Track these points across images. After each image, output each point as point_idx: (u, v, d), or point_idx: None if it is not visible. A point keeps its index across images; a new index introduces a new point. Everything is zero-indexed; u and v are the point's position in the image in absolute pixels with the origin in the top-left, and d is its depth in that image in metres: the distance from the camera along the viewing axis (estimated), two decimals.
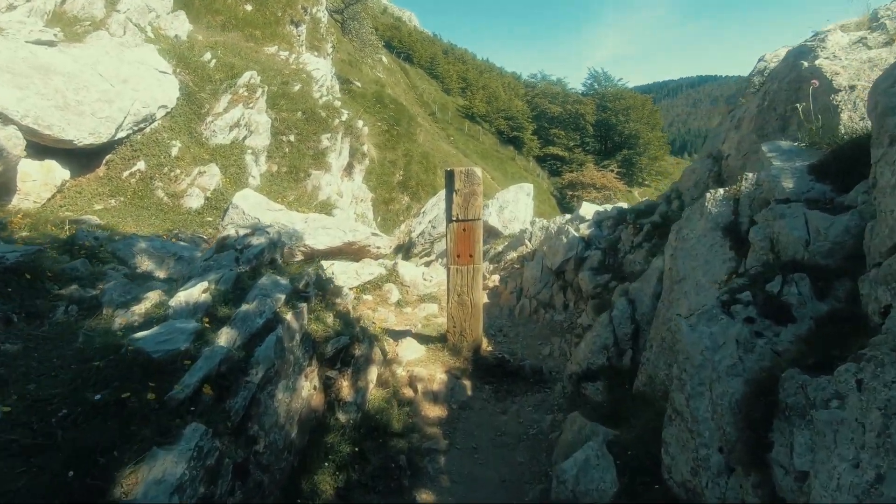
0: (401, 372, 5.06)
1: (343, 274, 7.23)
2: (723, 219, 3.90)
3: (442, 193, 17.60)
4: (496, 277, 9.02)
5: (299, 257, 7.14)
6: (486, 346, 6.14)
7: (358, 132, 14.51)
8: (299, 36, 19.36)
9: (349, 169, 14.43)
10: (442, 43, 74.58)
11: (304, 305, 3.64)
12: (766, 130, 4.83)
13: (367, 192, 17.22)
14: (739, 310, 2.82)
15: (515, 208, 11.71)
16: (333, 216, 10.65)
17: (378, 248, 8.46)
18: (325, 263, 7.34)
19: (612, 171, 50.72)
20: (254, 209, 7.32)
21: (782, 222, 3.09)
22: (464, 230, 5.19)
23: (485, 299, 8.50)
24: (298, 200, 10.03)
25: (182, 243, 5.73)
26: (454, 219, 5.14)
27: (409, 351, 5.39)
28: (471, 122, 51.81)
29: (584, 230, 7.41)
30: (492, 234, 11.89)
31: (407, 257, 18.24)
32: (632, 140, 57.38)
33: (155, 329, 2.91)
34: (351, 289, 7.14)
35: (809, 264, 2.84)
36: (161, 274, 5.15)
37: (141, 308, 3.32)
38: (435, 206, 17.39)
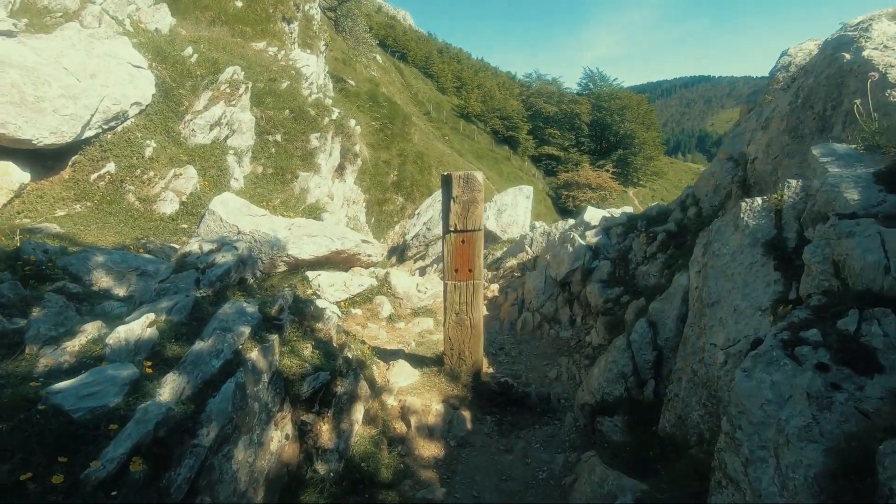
0: (392, 402, 4.49)
1: (330, 286, 6.65)
2: (763, 233, 3.37)
3: (437, 194, 17.03)
4: (495, 287, 8.47)
5: (282, 268, 6.56)
6: (486, 367, 5.59)
7: (350, 131, 13.91)
8: (291, 33, 18.83)
9: (340, 170, 13.83)
10: (437, 42, 73.98)
11: (274, 337, 3.06)
12: (801, 131, 4.31)
13: (360, 193, 16.63)
14: (807, 353, 2.28)
15: (514, 212, 11.17)
16: (322, 220, 10.06)
17: (369, 255, 7.88)
18: (310, 274, 6.77)
19: (608, 171, 50.44)
20: (233, 215, 6.72)
21: (850, 242, 2.57)
22: (463, 242, 4.63)
23: (484, 311, 7.95)
24: (285, 204, 9.42)
25: (147, 256, 5.13)
26: (452, 229, 4.58)
27: (402, 376, 4.83)
28: (466, 121, 51.31)
29: (591, 238, 6.88)
30: (489, 238, 11.35)
31: (401, 260, 17.66)
32: (627, 140, 57.17)
33: (80, 378, 2.33)
34: (339, 302, 6.56)
35: (892, 296, 2.32)
36: (120, 292, 4.55)
37: (74, 345, 2.73)
38: (430, 207, 16.83)
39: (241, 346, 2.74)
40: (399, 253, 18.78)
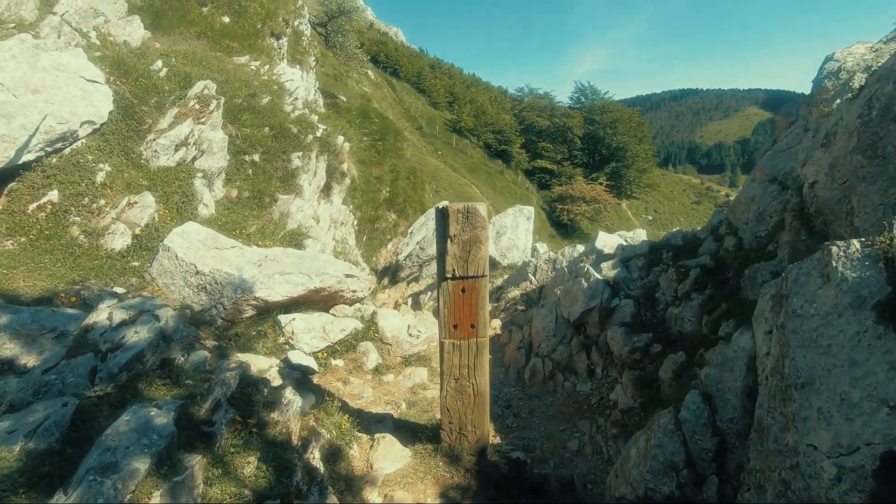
0: (375, 498, 3.52)
1: (307, 333, 5.68)
2: (870, 290, 2.51)
3: (430, 212, 16.14)
4: (497, 323, 7.54)
5: (249, 313, 5.60)
6: (492, 435, 4.63)
7: (337, 149, 13.06)
8: (280, 49, 18.30)
9: (327, 190, 12.94)
10: (428, 58, 74.18)
11: (196, 461, 2.10)
12: (882, 150, 3.48)
13: (349, 214, 15.73)
14: None
15: (514, 235, 10.30)
16: (304, 248, 9.13)
17: (354, 291, 6.93)
18: (283, 318, 5.80)
19: (602, 183, 50.09)
20: (192, 251, 5.78)
21: None
22: (462, 291, 3.73)
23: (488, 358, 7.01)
24: (262, 231, 8.47)
25: (70, 311, 4.15)
26: (449, 275, 3.67)
27: (388, 459, 3.86)
28: (458, 136, 50.93)
29: (608, 271, 5.99)
30: (488, 264, 10.47)
31: (394, 281, 16.69)
32: (620, 153, 57.13)
33: None
34: (316, 353, 5.60)
35: None
36: (29, 361, 3.56)
37: None
38: (423, 226, 16.02)
39: (128, 498, 1.78)
40: (391, 274, 17.83)
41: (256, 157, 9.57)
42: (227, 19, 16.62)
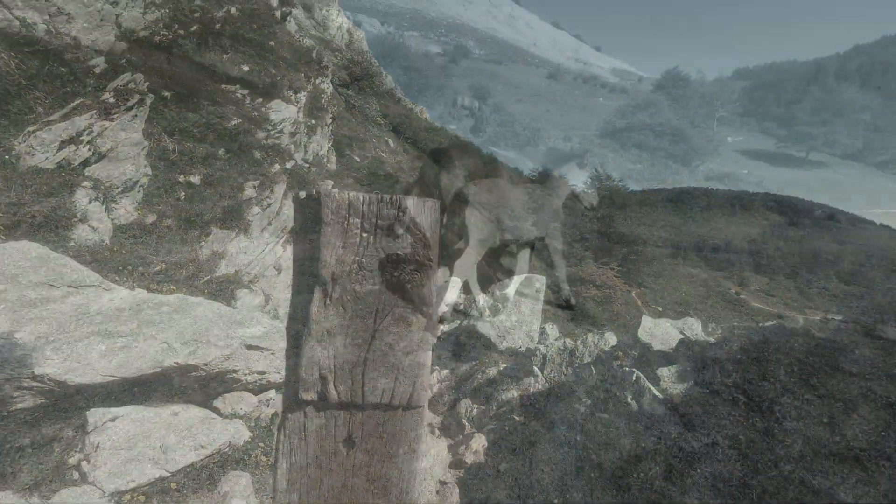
0: None
1: (126, 448, 3.11)
2: None
3: None
4: (480, 441, 4.87)
5: (27, 402, 3.09)
6: None
7: (315, 188, 11.11)
8: (297, 102, 17.63)
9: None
10: (449, 133, 76.25)
11: None
12: None
13: None
14: None
15: (518, 310, 7.85)
16: (235, 301, 6.77)
17: (261, 373, 4.44)
18: (97, 416, 3.28)
19: (612, 269, 48.08)
20: None
21: None
22: (348, 443, 1.26)
23: (454, 499, 4.29)
24: (170, 273, 6.16)
25: None
26: (309, 397, 1.23)
27: None
28: None
29: (672, 383, 3.47)
30: (481, 344, 7.91)
31: None
32: (632, 239, 55.99)
33: None
34: (126, 492, 3.00)
35: None
36: None
37: None
38: None
39: None
40: None
41: (195, 179, 7.51)
42: (246, 68, 15.92)
